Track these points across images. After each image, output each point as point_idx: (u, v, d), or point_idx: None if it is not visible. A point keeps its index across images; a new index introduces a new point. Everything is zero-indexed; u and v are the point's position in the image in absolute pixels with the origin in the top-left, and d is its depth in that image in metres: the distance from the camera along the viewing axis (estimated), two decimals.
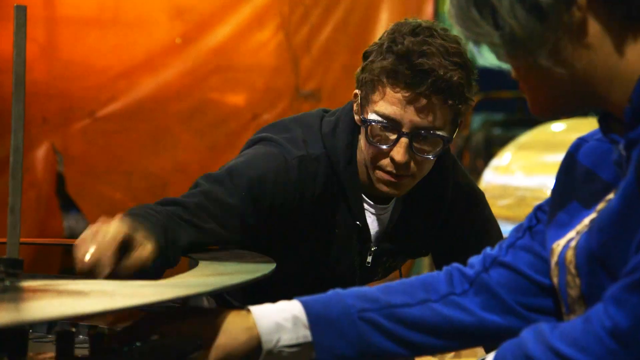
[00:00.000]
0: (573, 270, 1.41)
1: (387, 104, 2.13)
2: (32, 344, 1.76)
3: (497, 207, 5.44)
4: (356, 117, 2.26)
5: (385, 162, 2.17)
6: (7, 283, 1.44)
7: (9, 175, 1.48)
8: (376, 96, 2.16)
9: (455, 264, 1.67)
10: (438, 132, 2.15)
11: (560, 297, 1.48)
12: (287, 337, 1.54)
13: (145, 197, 4.86)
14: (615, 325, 1.24)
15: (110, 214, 5.29)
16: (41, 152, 4.74)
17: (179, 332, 1.49)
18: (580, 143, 1.58)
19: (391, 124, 2.13)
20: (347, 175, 2.24)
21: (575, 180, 1.54)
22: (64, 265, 5.04)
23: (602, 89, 1.39)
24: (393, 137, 2.14)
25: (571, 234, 1.45)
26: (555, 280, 1.48)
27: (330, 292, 1.61)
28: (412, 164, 2.17)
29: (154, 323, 1.49)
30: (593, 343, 1.25)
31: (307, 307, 1.56)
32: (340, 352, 1.55)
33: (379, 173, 2.19)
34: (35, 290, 1.43)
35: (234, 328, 1.53)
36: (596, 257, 1.35)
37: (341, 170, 2.24)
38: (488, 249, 1.67)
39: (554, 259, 1.47)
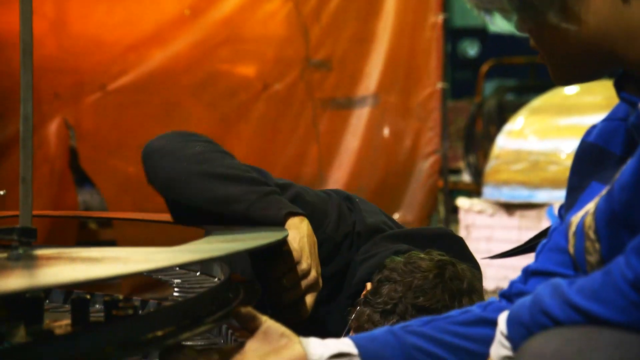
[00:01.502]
0: (592, 235, 1.39)
1: None
2: (48, 314, 1.78)
3: (511, 171, 5.43)
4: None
5: None
6: (21, 251, 1.45)
7: (19, 145, 1.49)
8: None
9: None
10: None
11: (578, 267, 1.47)
12: (332, 348, 1.55)
13: None
14: (638, 276, 1.22)
15: (124, 188, 5.30)
16: (53, 127, 4.75)
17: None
18: (590, 129, 1.57)
19: None
20: None
21: (589, 162, 1.53)
22: (79, 239, 5.07)
23: (619, 47, 1.37)
24: None
25: (589, 205, 1.44)
26: (572, 250, 1.47)
27: None
28: None
29: None
30: (613, 295, 1.24)
31: (351, 337, 1.58)
32: (387, 358, 1.55)
33: None
34: (48, 258, 1.43)
35: (275, 334, 1.56)
36: (618, 217, 1.33)
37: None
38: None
39: (572, 230, 1.46)
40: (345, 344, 1.55)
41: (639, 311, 1.22)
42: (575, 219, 1.46)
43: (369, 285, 2.16)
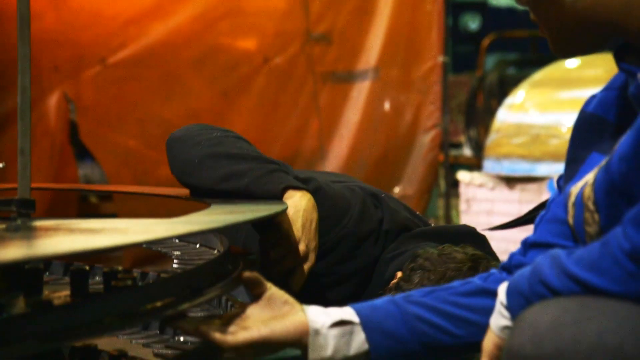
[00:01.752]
0: (591, 206, 1.39)
1: None
2: (48, 286, 1.78)
3: (512, 145, 5.42)
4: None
5: None
6: (20, 222, 1.45)
7: (18, 117, 1.49)
8: None
9: None
10: None
11: (577, 238, 1.47)
12: (334, 316, 1.55)
13: (159, 144, 4.85)
14: (635, 247, 1.22)
15: (125, 161, 5.30)
16: (53, 101, 4.74)
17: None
18: (590, 100, 1.57)
19: None
20: None
21: (588, 131, 1.53)
22: (80, 213, 5.08)
23: (618, 17, 1.37)
24: None
25: (588, 176, 1.44)
26: (571, 221, 1.47)
27: None
28: None
29: None
30: (611, 266, 1.24)
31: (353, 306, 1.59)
32: (388, 327, 1.55)
33: None
34: (47, 229, 1.44)
35: (278, 301, 1.56)
36: (617, 188, 1.34)
37: None
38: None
39: (571, 201, 1.46)
40: (346, 313, 1.56)
41: (636, 281, 1.23)
42: (575, 189, 1.46)
43: (399, 274, 2.16)
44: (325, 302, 2.22)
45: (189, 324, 1.51)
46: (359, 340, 1.54)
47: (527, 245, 1.59)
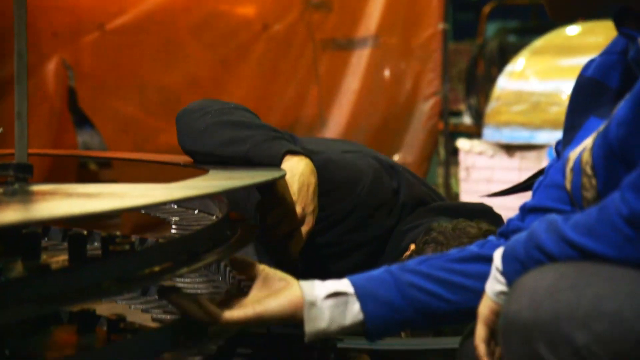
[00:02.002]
0: (589, 171, 1.39)
1: None
2: (47, 252, 1.78)
3: (512, 113, 5.41)
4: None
5: None
6: (17, 187, 1.45)
7: (14, 81, 1.48)
8: None
9: None
10: None
11: (575, 203, 1.47)
12: (329, 287, 1.55)
13: (158, 111, 4.86)
14: (633, 211, 1.22)
15: (124, 128, 5.28)
16: (52, 67, 4.72)
17: None
18: (589, 64, 1.56)
19: None
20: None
21: (587, 95, 1.52)
22: (79, 180, 5.07)
23: None
24: None
25: (587, 141, 1.43)
26: (568, 186, 1.47)
27: None
28: None
29: None
30: (608, 230, 1.24)
31: (349, 277, 1.58)
32: (383, 295, 1.55)
33: None
34: (44, 193, 1.43)
35: (273, 279, 1.56)
36: (615, 153, 1.33)
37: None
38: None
39: (570, 166, 1.46)
40: (341, 284, 1.56)
41: (633, 246, 1.22)
42: (573, 154, 1.45)
43: (412, 246, 2.16)
44: (337, 271, 2.23)
45: (183, 299, 1.51)
46: (354, 310, 1.54)
47: (526, 210, 1.58)
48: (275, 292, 1.56)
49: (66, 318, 1.76)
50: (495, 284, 1.38)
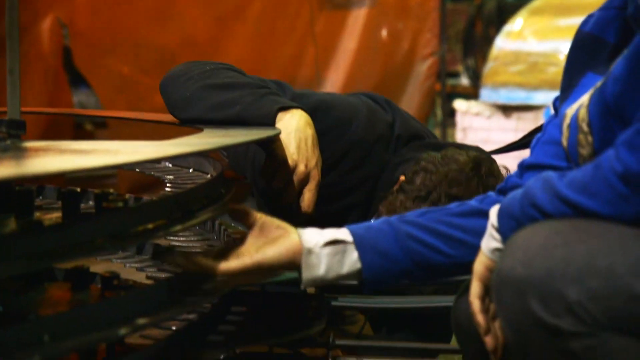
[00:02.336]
0: (585, 128, 1.38)
1: None
2: (42, 211, 1.78)
3: (509, 73, 5.40)
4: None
5: None
6: (9, 143, 1.44)
7: (6, 35, 1.46)
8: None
9: None
10: None
11: (571, 160, 1.47)
12: (327, 235, 1.54)
13: (154, 70, 4.82)
14: (627, 169, 1.22)
15: (119, 88, 5.25)
16: (46, 26, 4.67)
17: None
18: (587, 19, 1.55)
19: None
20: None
21: (585, 51, 1.51)
22: (74, 140, 5.05)
23: None
24: None
25: (584, 97, 1.42)
26: (565, 143, 1.46)
27: None
28: None
29: None
30: (603, 188, 1.24)
31: (348, 226, 1.58)
32: (381, 245, 1.55)
33: None
34: (37, 150, 1.42)
35: (270, 227, 1.55)
36: (611, 109, 1.33)
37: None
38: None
39: (566, 122, 1.45)
40: (340, 232, 1.56)
41: (627, 203, 1.23)
42: (570, 111, 1.45)
43: (402, 177, 2.16)
44: (339, 210, 2.23)
45: (179, 255, 1.51)
46: (351, 259, 1.54)
47: (524, 167, 1.58)
48: (272, 240, 1.55)
49: (61, 276, 1.76)
50: (490, 241, 1.38)
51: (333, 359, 1.73)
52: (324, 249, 1.53)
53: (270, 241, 1.55)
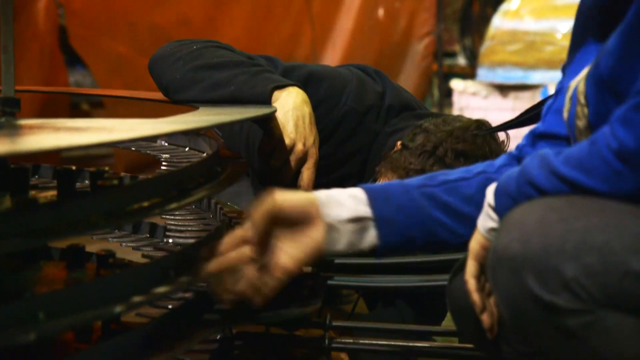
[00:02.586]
0: (583, 100, 1.38)
1: None
2: (37, 190, 1.77)
3: (506, 52, 5.38)
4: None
5: None
6: (4, 120, 1.43)
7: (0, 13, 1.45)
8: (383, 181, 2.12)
9: None
10: None
11: (570, 133, 1.46)
12: (347, 211, 1.51)
13: (150, 50, 4.79)
14: (622, 145, 1.22)
15: (115, 68, 5.23)
16: (42, 5, 4.65)
17: None
18: None
19: None
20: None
21: (587, 16, 1.50)
22: (71, 118, 5.04)
23: None
24: None
25: (586, 69, 1.42)
26: (565, 115, 1.46)
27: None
28: None
29: None
30: (599, 165, 1.24)
31: (365, 188, 1.55)
32: (400, 225, 1.53)
33: None
34: (32, 127, 1.42)
35: (295, 217, 1.49)
36: (605, 82, 1.32)
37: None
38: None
39: (569, 94, 1.44)
40: (360, 207, 1.51)
41: (622, 180, 1.23)
42: (573, 83, 1.44)
43: (399, 143, 2.16)
44: (333, 182, 2.23)
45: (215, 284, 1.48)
46: (371, 236, 1.52)
47: (535, 135, 1.57)
48: (300, 237, 1.49)
49: (57, 255, 1.76)
50: (487, 220, 1.38)
51: (329, 339, 1.73)
52: (346, 226, 1.51)
53: (298, 242, 1.49)
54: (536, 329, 1.25)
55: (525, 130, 1.66)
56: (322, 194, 1.51)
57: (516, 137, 1.76)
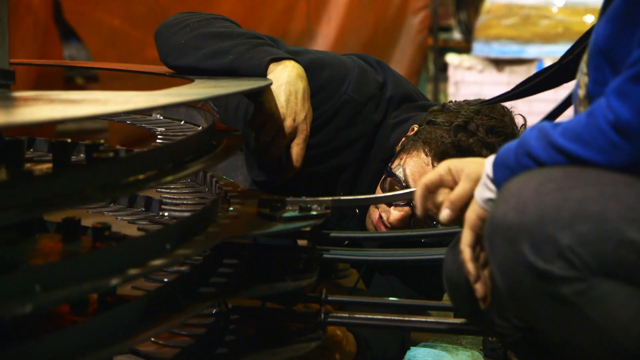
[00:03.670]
0: (585, 69, 1.38)
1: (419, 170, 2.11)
2: (32, 164, 1.76)
3: (502, 27, 5.37)
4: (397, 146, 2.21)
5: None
6: None
7: None
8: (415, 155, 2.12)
9: None
10: None
11: (574, 103, 1.46)
12: None
13: (144, 23, 4.79)
14: (618, 117, 1.22)
15: (110, 41, 5.20)
16: None
17: None
18: None
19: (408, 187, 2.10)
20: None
21: None
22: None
23: None
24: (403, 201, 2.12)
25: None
26: (574, 85, 1.46)
27: None
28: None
29: None
30: (595, 136, 1.24)
31: None
32: None
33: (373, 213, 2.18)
34: (26, 99, 1.41)
35: None
36: (602, 50, 1.32)
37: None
38: None
39: (580, 66, 1.44)
40: None
41: (618, 151, 1.23)
42: (585, 55, 1.43)
43: (415, 126, 2.16)
44: (330, 170, 2.23)
45: None
46: None
47: None
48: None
49: (52, 228, 1.76)
50: (484, 191, 1.38)
51: (325, 314, 1.73)
52: None
53: None
54: (531, 297, 1.26)
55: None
56: None
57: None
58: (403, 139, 2.19)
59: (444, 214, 1.42)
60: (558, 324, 1.27)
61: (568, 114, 1.61)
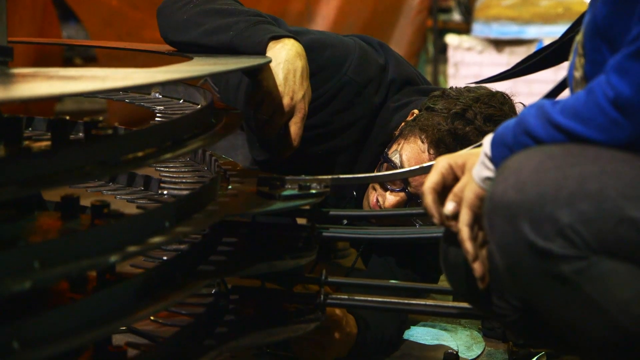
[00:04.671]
0: (580, 50, 1.37)
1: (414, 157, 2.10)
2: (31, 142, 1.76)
3: (501, 7, 5.35)
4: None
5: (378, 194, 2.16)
6: None
7: None
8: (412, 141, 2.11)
9: None
10: None
11: (569, 85, 1.45)
12: None
13: (143, 4, 4.78)
14: (618, 94, 1.21)
15: (108, 21, 5.19)
16: None
17: None
18: None
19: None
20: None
21: None
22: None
23: None
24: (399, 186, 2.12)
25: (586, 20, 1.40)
26: (568, 66, 1.45)
27: None
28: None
29: None
30: (595, 114, 1.23)
31: None
32: None
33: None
34: (25, 76, 1.40)
35: None
36: (599, 30, 1.31)
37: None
38: None
39: (573, 47, 1.43)
40: None
41: (618, 128, 1.22)
42: (578, 36, 1.43)
43: (416, 111, 2.16)
44: (328, 152, 2.23)
45: None
46: None
47: None
48: None
49: (51, 206, 1.75)
50: (482, 170, 1.37)
51: (325, 295, 1.73)
52: None
53: None
54: (531, 276, 1.26)
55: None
56: None
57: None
58: (402, 123, 2.19)
59: (450, 207, 1.41)
60: (558, 303, 1.26)
61: (567, 93, 1.60)
